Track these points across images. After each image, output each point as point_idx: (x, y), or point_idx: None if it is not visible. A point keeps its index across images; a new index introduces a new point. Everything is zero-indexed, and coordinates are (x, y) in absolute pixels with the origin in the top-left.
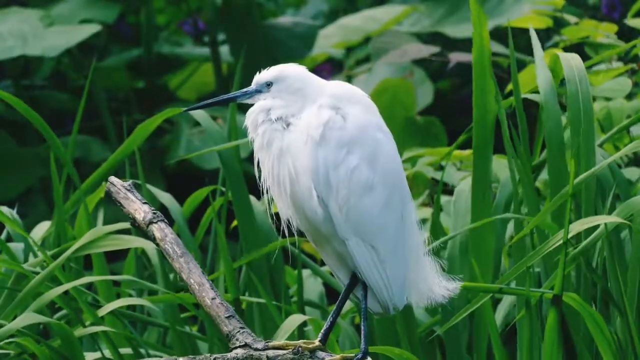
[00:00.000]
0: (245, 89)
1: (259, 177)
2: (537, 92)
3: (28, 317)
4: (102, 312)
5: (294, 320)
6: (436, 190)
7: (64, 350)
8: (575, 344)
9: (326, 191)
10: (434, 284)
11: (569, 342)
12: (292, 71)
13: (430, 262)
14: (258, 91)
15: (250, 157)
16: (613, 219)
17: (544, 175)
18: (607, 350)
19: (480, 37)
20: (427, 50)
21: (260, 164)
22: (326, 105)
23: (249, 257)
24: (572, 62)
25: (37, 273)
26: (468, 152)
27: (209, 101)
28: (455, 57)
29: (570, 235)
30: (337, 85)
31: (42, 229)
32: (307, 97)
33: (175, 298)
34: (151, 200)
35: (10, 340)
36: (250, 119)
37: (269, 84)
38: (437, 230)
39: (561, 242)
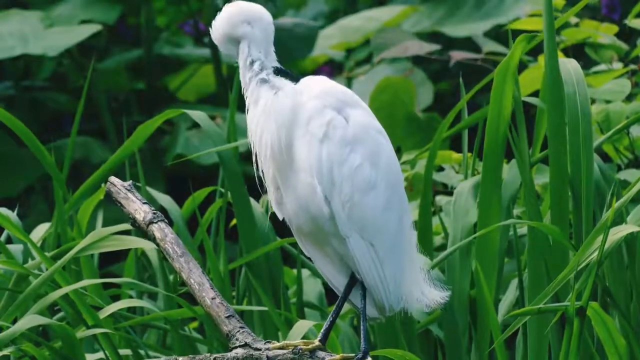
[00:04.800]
0: None
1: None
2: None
3: (32, 320)
4: (102, 314)
5: (301, 326)
6: (437, 191)
7: (65, 352)
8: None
9: (330, 188)
10: (425, 289)
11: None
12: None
13: (422, 267)
14: None
15: (249, 156)
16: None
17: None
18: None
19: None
20: (428, 48)
21: (249, 123)
22: (329, 106)
23: (247, 257)
24: (569, 65)
25: (38, 275)
26: (459, 155)
27: None
28: (456, 55)
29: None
30: (340, 89)
31: (41, 230)
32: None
33: (188, 311)
34: (151, 201)
35: (11, 340)
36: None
37: None
38: (427, 234)
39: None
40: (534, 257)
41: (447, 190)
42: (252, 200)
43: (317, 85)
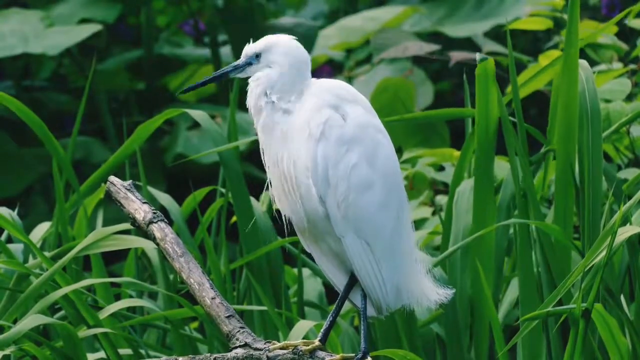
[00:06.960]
0: (235, 63)
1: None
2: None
3: (35, 319)
4: (103, 314)
5: (302, 327)
6: (437, 191)
7: (67, 351)
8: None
9: (324, 188)
10: (427, 288)
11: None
12: (281, 39)
13: (422, 266)
14: (248, 63)
15: (249, 156)
16: None
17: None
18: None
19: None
20: (428, 48)
21: (262, 148)
22: (327, 104)
23: (248, 257)
24: (581, 64)
25: (39, 274)
26: (458, 152)
27: (202, 81)
28: (456, 55)
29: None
30: (339, 85)
31: (41, 229)
32: (301, 73)
33: (189, 311)
34: (151, 201)
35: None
36: (251, 102)
37: (258, 55)
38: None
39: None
40: (524, 256)
41: (448, 190)
42: (252, 199)
43: (316, 85)
